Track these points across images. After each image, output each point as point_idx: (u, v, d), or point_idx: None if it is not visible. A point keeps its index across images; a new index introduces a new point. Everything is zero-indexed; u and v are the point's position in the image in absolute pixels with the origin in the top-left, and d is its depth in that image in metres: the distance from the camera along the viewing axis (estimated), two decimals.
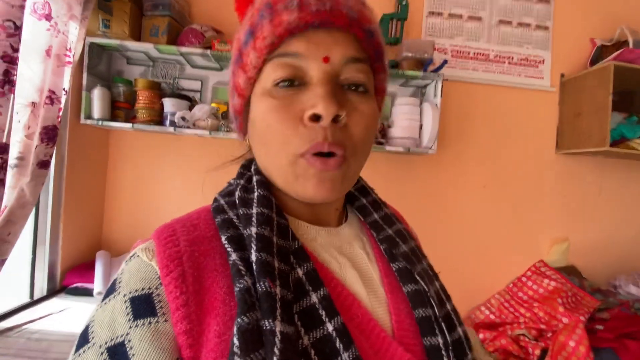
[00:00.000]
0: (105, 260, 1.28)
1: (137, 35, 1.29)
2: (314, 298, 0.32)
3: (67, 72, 1.01)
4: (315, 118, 0.33)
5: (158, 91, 1.35)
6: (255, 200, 0.36)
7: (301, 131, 0.33)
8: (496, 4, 1.51)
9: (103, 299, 0.32)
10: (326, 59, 0.34)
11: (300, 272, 0.33)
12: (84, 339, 0.30)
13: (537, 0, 1.52)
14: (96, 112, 1.26)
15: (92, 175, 1.37)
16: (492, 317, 1.43)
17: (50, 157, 1.01)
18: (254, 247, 0.31)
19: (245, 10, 0.41)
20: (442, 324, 0.38)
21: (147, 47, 1.25)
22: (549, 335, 1.24)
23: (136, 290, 0.31)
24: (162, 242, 0.33)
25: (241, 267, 0.31)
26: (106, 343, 0.29)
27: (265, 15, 0.34)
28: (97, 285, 1.15)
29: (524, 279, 1.49)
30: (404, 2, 1.35)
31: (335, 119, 0.33)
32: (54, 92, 0.97)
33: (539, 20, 1.52)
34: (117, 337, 0.29)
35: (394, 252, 0.42)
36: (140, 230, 1.44)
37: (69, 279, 1.21)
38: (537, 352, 1.19)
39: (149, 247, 0.34)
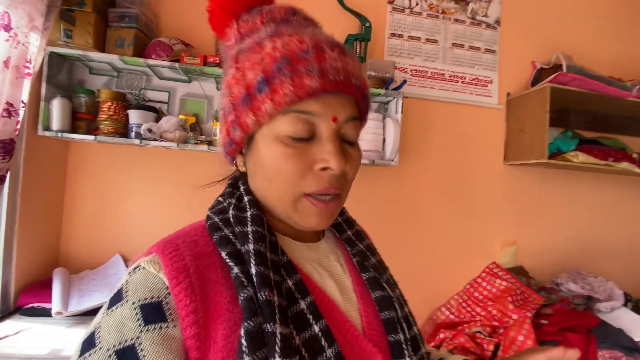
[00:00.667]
0: (63, 277, 1.22)
1: (101, 46, 1.26)
2: (303, 304, 0.38)
3: (27, 84, 0.98)
4: (325, 168, 0.40)
5: (123, 102, 1.33)
6: (249, 219, 0.40)
7: (310, 176, 0.40)
8: (450, 28, 1.65)
9: (109, 307, 0.35)
10: (335, 119, 0.40)
11: (290, 282, 0.39)
12: (89, 343, 0.32)
13: (486, 27, 1.68)
14: (55, 123, 1.22)
15: (49, 188, 1.31)
16: (451, 317, 1.53)
17: (7, 171, 0.97)
18: (252, 261, 0.36)
19: (223, 28, 0.45)
20: (403, 323, 0.45)
21: (112, 58, 1.23)
22: (501, 331, 1.35)
23: (145, 299, 0.34)
24: (168, 256, 0.36)
25: (243, 279, 0.35)
26: (114, 346, 0.31)
27: (285, 72, 0.37)
28: (55, 304, 1.09)
29: (479, 279, 1.61)
30: (367, 24, 1.44)
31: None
32: (12, 105, 0.94)
33: (487, 45, 1.68)
34: (126, 341, 0.31)
35: (365, 264, 0.49)
36: (102, 245, 1.39)
37: (23, 299, 1.14)
38: (491, 347, 1.29)
39: (154, 260, 0.37)
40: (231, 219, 0.41)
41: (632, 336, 1.20)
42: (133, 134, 1.30)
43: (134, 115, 1.31)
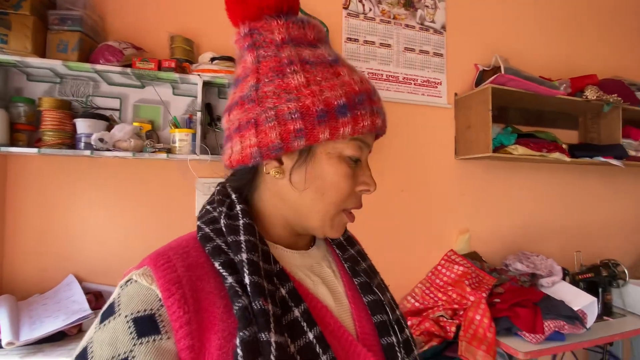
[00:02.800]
0: (10, 305, 1.12)
1: (41, 51, 1.16)
2: (297, 312, 0.39)
3: None
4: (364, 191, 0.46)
5: (68, 111, 1.24)
6: (241, 228, 0.41)
7: (353, 195, 0.46)
8: (402, 33, 1.74)
9: (101, 322, 0.34)
10: (371, 150, 0.48)
11: (283, 291, 0.40)
12: (82, 359, 0.32)
13: (433, 32, 1.80)
14: None
15: None
16: (417, 304, 1.62)
17: None
18: (246, 271, 0.37)
19: (260, 15, 0.43)
20: (395, 326, 0.47)
21: (54, 63, 1.14)
22: (461, 312, 1.46)
23: (138, 312, 0.34)
24: (160, 269, 0.36)
25: (238, 289, 0.36)
26: None
27: (366, 107, 0.42)
28: (5, 334, 0.99)
29: (439, 267, 1.72)
30: (325, 29, 1.48)
31: None
32: None
33: (435, 49, 1.80)
34: (119, 355, 0.32)
35: (356, 269, 0.51)
36: (52, 266, 1.28)
37: None
38: (453, 328, 1.39)
39: (146, 272, 0.36)
40: (223, 229, 0.41)
41: (571, 306, 1.35)
42: (82, 144, 1.21)
43: (82, 125, 1.22)
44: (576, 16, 2.15)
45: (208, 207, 0.46)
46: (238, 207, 0.44)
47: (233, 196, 0.46)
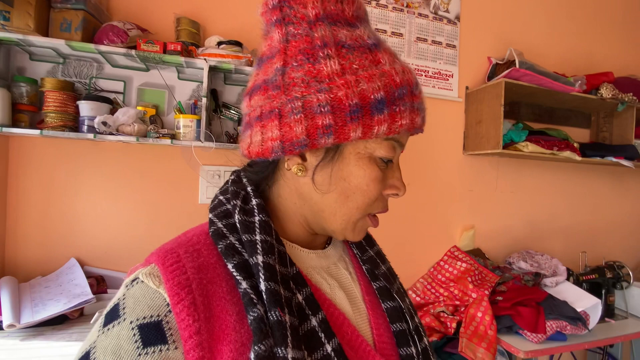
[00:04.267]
0: (12, 287, 1.11)
1: (44, 30, 1.13)
2: (314, 322, 0.36)
3: None
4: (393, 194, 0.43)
5: (71, 92, 1.21)
6: (257, 226, 0.37)
7: (380, 198, 0.42)
8: (414, 22, 1.68)
9: (105, 325, 0.32)
10: (403, 150, 0.43)
11: (300, 297, 0.37)
12: None
13: (447, 22, 1.74)
14: None
15: None
16: (418, 299, 1.62)
17: None
18: (262, 276, 0.33)
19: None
20: (414, 335, 0.45)
21: (58, 43, 1.11)
22: (462, 309, 1.45)
23: (144, 317, 0.31)
24: (169, 269, 0.33)
25: (253, 296, 0.32)
26: None
27: (406, 103, 0.38)
28: (6, 316, 0.99)
29: (441, 263, 1.71)
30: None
31: None
32: None
33: (448, 40, 1.74)
34: None
35: (375, 272, 0.48)
36: (54, 249, 1.27)
37: None
38: (454, 324, 1.39)
39: (154, 272, 0.33)
40: (237, 225, 0.38)
41: (575, 307, 1.34)
42: (85, 127, 1.19)
43: (86, 107, 1.20)
44: (593, 11, 2.08)
45: (221, 197, 0.42)
46: (254, 202, 0.40)
47: (249, 188, 0.42)
